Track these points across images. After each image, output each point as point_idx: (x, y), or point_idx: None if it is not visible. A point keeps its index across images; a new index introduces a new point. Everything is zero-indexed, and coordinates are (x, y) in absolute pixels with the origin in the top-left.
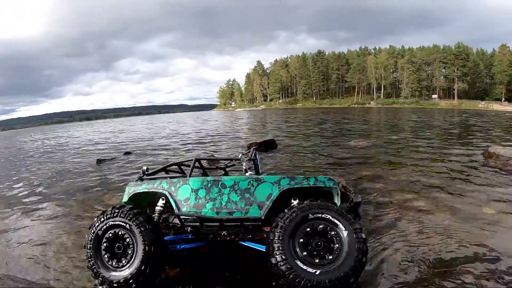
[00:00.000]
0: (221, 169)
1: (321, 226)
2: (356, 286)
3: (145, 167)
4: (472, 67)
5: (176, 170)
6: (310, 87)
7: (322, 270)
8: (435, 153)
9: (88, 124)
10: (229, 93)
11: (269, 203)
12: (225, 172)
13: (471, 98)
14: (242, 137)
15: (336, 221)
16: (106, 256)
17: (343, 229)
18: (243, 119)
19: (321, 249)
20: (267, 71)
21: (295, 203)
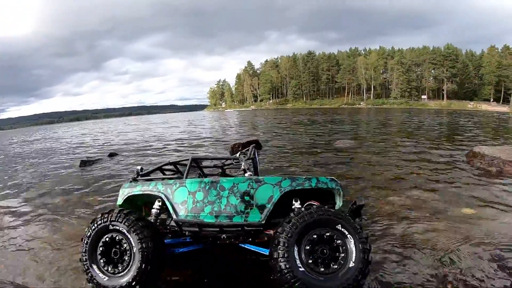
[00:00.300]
0: (218, 167)
1: (327, 234)
2: None
3: (139, 167)
4: (461, 68)
5: (172, 169)
6: (300, 87)
7: (327, 279)
8: (420, 153)
9: (77, 124)
10: (220, 93)
11: (270, 206)
12: (223, 171)
13: (460, 98)
14: (226, 139)
15: (344, 230)
16: (102, 261)
17: (350, 239)
18: (231, 119)
19: (326, 257)
20: (257, 71)
21: (297, 204)
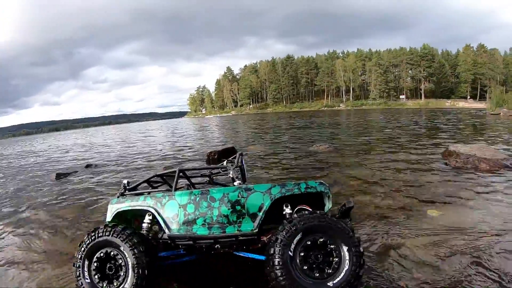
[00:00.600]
0: (206, 176)
1: (321, 240)
2: None
3: (125, 181)
4: (438, 67)
5: (159, 181)
6: (280, 91)
7: (322, 283)
8: (397, 153)
9: (56, 135)
10: (200, 99)
11: (261, 214)
12: (210, 180)
13: (437, 97)
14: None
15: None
16: (96, 277)
17: (343, 245)
18: (210, 126)
19: (320, 262)
20: (237, 76)
21: (287, 210)
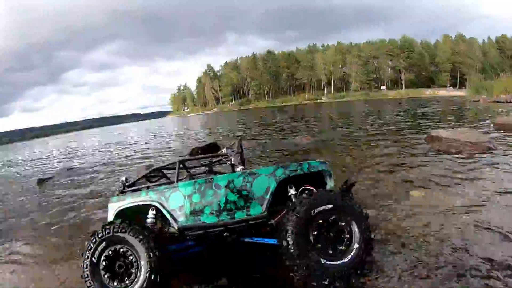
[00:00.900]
0: (205, 166)
1: (332, 218)
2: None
3: (123, 178)
4: (417, 57)
5: (158, 175)
6: (262, 87)
7: (336, 260)
8: (380, 140)
9: (36, 142)
10: (181, 98)
11: (268, 196)
12: (210, 168)
13: (418, 86)
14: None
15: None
16: (106, 276)
17: (353, 222)
18: (192, 125)
19: (332, 239)
20: (218, 73)
21: (292, 191)
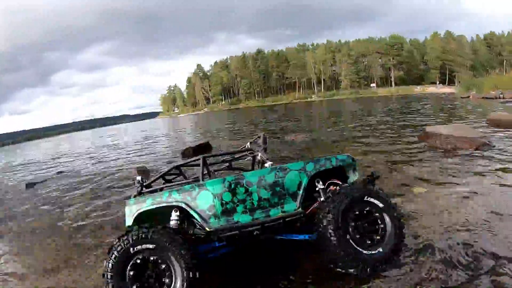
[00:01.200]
0: (225, 162)
1: (367, 209)
2: None
3: (138, 177)
4: (407, 55)
5: (175, 173)
6: (252, 86)
7: (375, 250)
8: (374, 137)
9: (29, 144)
10: (172, 99)
11: (301, 192)
12: (230, 165)
13: (408, 84)
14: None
15: (379, 203)
16: (134, 287)
17: (386, 217)
18: (181, 125)
19: (369, 230)
20: (208, 73)
21: (320, 185)
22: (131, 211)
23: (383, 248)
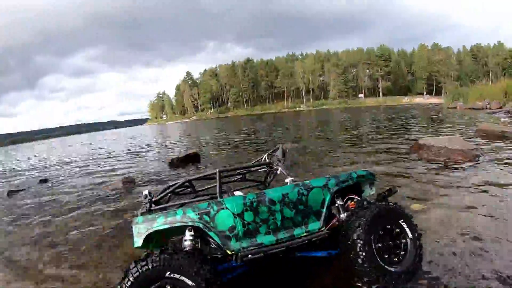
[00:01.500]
0: (239, 175)
1: (388, 226)
2: None
3: (146, 192)
4: (394, 66)
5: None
6: (241, 94)
7: (397, 267)
8: (364, 148)
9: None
10: (160, 106)
11: (325, 210)
12: (243, 177)
13: (395, 94)
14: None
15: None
16: None
17: (409, 233)
18: (169, 133)
19: (392, 248)
20: (197, 81)
21: (339, 202)
22: (140, 231)
23: (405, 264)
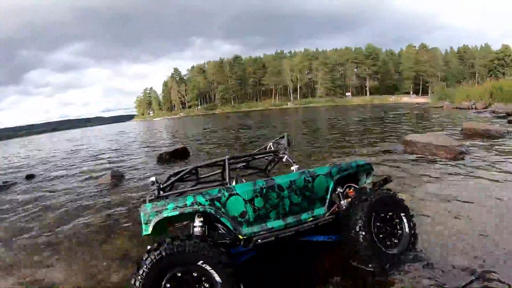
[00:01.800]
0: (243, 162)
1: (390, 214)
2: None
3: (153, 178)
4: (382, 65)
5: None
6: (228, 91)
7: (394, 250)
8: (352, 145)
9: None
10: (147, 102)
11: (328, 196)
12: (247, 165)
13: (382, 93)
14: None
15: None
16: None
17: (404, 219)
18: (157, 129)
19: (389, 232)
20: (184, 78)
21: (340, 189)
22: (149, 218)
23: (400, 247)
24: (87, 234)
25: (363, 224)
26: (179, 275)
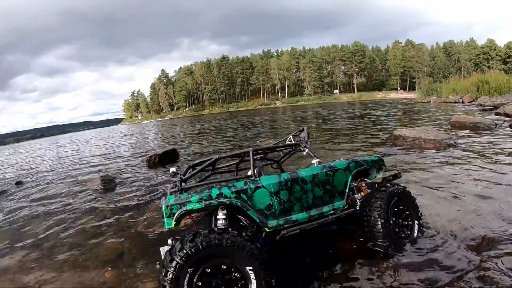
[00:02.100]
0: (263, 154)
1: (401, 207)
2: None
3: (173, 169)
4: (369, 62)
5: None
6: (216, 92)
7: (404, 239)
8: (343, 140)
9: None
10: (135, 105)
11: (347, 190)
12: (263, 157)
13: (369, 90)
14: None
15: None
16: None
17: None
18: (145, 132)
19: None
20: (172, 79)
21: (354, 183)
22: (171, 211)
23: (411, 237)
24: (78, 238)
25: (381, 217)
26: (208, 270)
